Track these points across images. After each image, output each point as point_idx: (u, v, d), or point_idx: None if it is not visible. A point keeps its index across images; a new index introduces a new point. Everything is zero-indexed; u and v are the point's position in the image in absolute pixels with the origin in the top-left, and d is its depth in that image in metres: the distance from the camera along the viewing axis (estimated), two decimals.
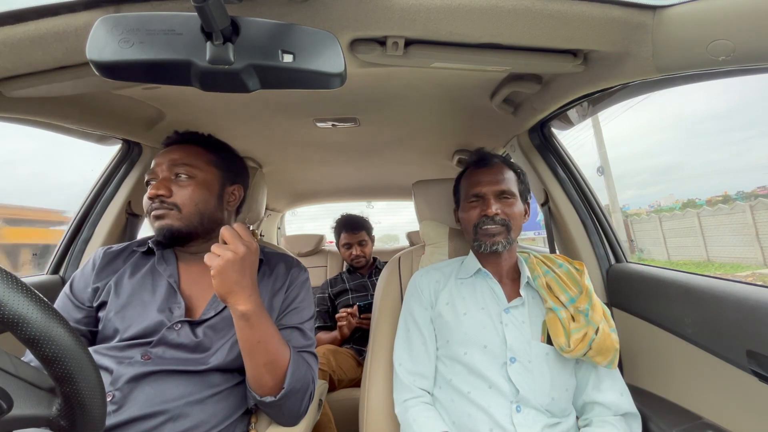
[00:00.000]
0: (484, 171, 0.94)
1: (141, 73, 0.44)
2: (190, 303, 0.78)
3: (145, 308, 0.75)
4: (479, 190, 0.92)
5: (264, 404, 0.73)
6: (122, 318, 0.73)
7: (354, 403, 1.19)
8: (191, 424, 0.68)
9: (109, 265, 0.82)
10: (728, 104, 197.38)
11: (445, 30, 0.64)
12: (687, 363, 0.83)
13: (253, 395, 0.73)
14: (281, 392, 0.71)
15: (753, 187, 15.39)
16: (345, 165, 1.93)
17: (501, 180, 0.92)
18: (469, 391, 0.80)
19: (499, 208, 0.89)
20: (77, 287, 0.79)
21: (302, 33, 0.45)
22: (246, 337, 0.68)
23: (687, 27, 0.59)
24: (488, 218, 0.88)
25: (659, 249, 11.21)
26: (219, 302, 0.78)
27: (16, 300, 0.35)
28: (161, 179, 0.80)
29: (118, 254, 0.84)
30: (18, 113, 0.82)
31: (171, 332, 0.72)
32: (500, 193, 0.91)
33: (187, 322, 0.74)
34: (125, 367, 0.68)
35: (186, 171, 0.81)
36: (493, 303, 0.87)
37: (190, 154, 0.83)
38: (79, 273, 0.81)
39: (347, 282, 1.93)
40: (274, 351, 0.71)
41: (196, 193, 0.80)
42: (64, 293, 0.79)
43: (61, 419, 0.40)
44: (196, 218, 0.80)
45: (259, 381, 0.71)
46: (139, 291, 0.77)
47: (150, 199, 0.78)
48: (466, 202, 0.95)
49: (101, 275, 0.80)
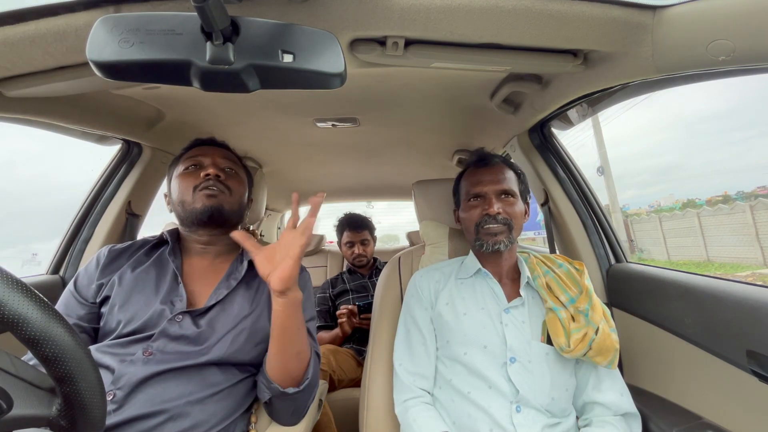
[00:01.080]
0: (485, 170, 0.94)
1: (141, 73, 0.44)
2: (192, 296, 0.79)
3: (148, 299, 0.76)
4: (481, 189, 0.92)
5: (285, 396, 0.74)
6: (125, 310, 0.74)
7: (354, 403, 1.19)
8: (191, 424, 0.68)
9: (114, 262, 0.83)
10: (728, 104, 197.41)
11: (444, 30, 0.64)
12: (687, 363, 0.83)
13: (273, 387, 0.74)
14: (305, 382, 0.75)
15: (753, 187, 15.40)
16: (345, 165, 1.94)
17: (502, 179, 0.92)
18: (469, 391, 0.80)
19: (500, 207, 0.88)
20: (81, 284, 0.80)
21: (302, 33, 0.45)
22: (290, 324, 0.71)
23: (687, 27, 0.59)
24: (490, 217, 0.88)
25: (659, 249, 11.22)
26: (221, 293, 0.79)
27: (16, 300, 0.35)
28: (212, 164, 0.86)
29: (122, 252, 0.86)
30: (18, 113, 0.82)
31: (173, 324, 0.73)
32: (502, 193, 0.91)
33: (188, 313, 0.75)
34: (127, 366, 0.68)
35: (231, 166, 0.89)
36: (493, 303, 0.88)
37: (229, 155, 0.91)
38: (83, 270, 0.83)
39: (347, 282, 1.93)
40: (304, 340, 0.75)
41: (240, 186, 0.89)
42: (68, 290, 0.80)
43: (61, 419, 0.40)
44: (238, 207, 0.88)
45: (287, 370, 0.74)
46: (142, 283, 0.78)
47: (206, 177, 0.83)
48: (467, 202, 0.95)
49: (105, 272, 0.81)
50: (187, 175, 0.85)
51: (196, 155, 0.87)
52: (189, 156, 0.88)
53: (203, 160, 0.87)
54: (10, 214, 73.81)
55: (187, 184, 0.83)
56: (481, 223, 0.90)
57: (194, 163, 0.86)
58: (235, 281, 0.82)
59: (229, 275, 0.84)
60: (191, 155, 0.88)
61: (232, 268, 0.85)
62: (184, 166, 0.86)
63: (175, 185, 0.86)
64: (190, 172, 0.85)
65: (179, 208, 0.84)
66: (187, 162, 0.86)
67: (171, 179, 0.89)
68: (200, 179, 0.83)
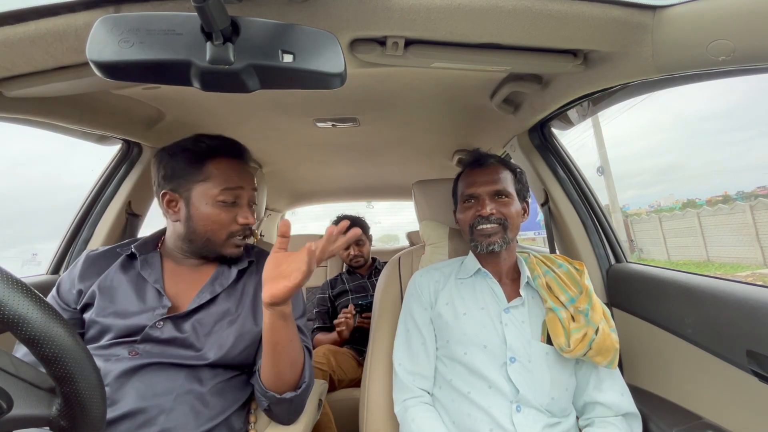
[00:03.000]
0: (480, 171, 0.94)
1: (141, 73, 0.44)
2: (175, 301, 0.78)
3: (129, 311, 0.74)
4: (474, 190, 0.92)
5: (282, 401, 0.74)
6: (105, 319, 0.73)
7: (354, 403, 1.19)
8: (185, 419, 0.68)
9: (93, 267, 0.80)
10: (729, 104, 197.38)
11: (444, 30, 0.64)
12: (687, 363, 0.83)
13: (270, 395, 0.73)
14: (303, 386, 0.75)
15: (753, 187, 15.40)
16: (345, 165, 1.94)
17: (496, 180, 0.92)
18: (469, 391, 0.80)
19: (494, 207, 0.88)
20: (63, 289, 0.78)
21: (302, 33, 0.45)
22: (281, 337, 0.70)
23: (687, 27, 0.59)
24: (483, 218, 0.88)
25: (659, 249, 11.21)
26: (203, 297, 0.78)
27: (16, 300, 0.35)
28: (248, 203, 0.84)
29: (101, 256, 0.82)
30: (18, 113, 0.82)
31: (154, 330, 0.72)
32: (495, 193, 0.91)
33: (169, 318, 0.74)
34: (113, 364, 0.68)
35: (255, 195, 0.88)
36: (492, 303, 0.87)
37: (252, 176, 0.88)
38: (66, 275, 0.80)
39: (347, 283, 1.93)
40: (297, 348, 0.74)
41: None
42: (51, 295, 0.79)
43: (61, 419, 0.40)
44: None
45: (282, 378, 0.73)
46: (123, 294, 0.76)
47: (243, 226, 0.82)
48: (462, 203, 0.96)
49: (85, 278, 0.78)
50: (224, 210, 0.79)
51: (237, 186, 0.80)
52: (227, 180, 0.79)
53: (242, 195, 0.81)
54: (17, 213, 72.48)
55: (221, 224, 0.79)
56: (475, 224, 0.90)
57: (234, 199, 0.80)
58: (221, 287, 0.80)
59: (214, 280, 0.81)
60: (230, 183, 0.79)
61: (218, 272, 0.83)
62: (222, 195, 0.78)
63: (203, 210, 0.78)
64: (228, 207, 0.79)
65: (197, 238, 0.79)
66: (226, 193, 0.78)
67: (191, 187, 0.78)
68: (237, 227, 0.80)
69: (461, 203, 0.97)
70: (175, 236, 0.83)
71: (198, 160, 0.79)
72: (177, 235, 0.82)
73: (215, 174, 0.79)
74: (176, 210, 0.80)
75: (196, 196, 0.78)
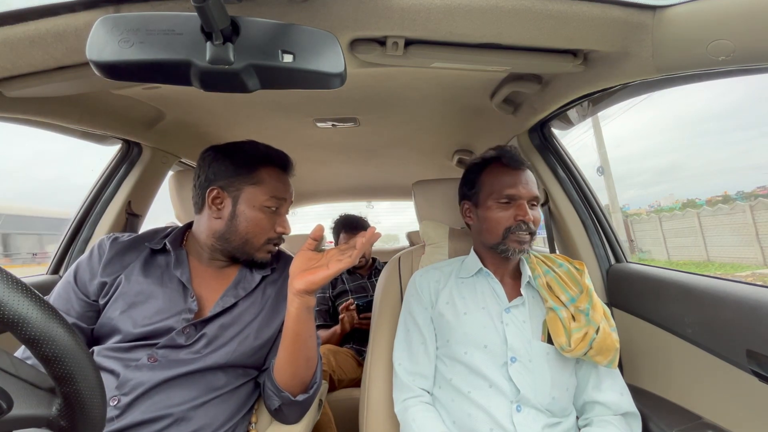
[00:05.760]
0: (520, 173, 0.89)
1: (141, 73, 0.44)
2: (200, 303, 0.77)
3: (159, 307, 0.73)
4: (516, 191, 0.86)
5: (295, 404, 0.74)
6: (129, 317, 0.71)
7: (354, 403, 1.19)
8: (195, 428, 0.67)
9: (119, 259, 0.77)
10: (729, 104, 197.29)
11: (445, 30, 0.64)
12: (687, 363, 0.83)
13: (284, 395, 0.73)
14: (313, 386, 0.76)
15: (753, 187, 15.38)
16: (345, 165, 1.93)
17: (533, 186, 0.89)
18: (469, 390, 0.80)
19: (532, 215, 0.86)
20: (82, 278, 0.75)
21: (302, 33, 0.45)
22: (303, 330, 0.71)
23: (687, 27, 0.59)
24: (524, 224, 0.85)
25: (659, 249, 11.21)
26: (227, 300, 0.78)
27: (16, 300, 0.35)
28: (286, 210, 0.87)
29: (128, 247, 0.79)
30: (18, 113, 0.82)
31: (180, 335, 0.71)
32: (533, 199, 0.88)
33: (193, 324, 0.73)
34: (132, 371, 0.67)
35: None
36: (493, 302, 0.87)
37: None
38: (84, 262, 0.76)
39: (347, 283, 1.93)
40: (314, 346, 0.76)
41: None
42: (67, 282, 0.75)
43: (61, 419, 0.40)
44: None
45: (297, 376, 0.74)
46: (150, 291, 0.74)
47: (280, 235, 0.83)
48: (498, 202, 0.88)
49: (109, 269, 0.75)
50: (267, 216, 0.80)
51: (282, 196, 0.82)
52: (275, 188, 0.81)
53: (284, 205, 0.84)
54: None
55: (262, 228, 0.80)
56: (514, 228, 0.85)
57: (277, 206, 0.82)
58: (244, 291, 0.80)
59: (237, 283, 0.81)
60: (278, 192, 0.81)
61: (240, 276, 0.83)
62: (269, 202, 0.80)
63: (248, 213, 0.78)
64: (271, 214, 0.81)
65: (236, 238, 0.79)
66: (272, 200, 0.80)
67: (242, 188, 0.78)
68: (274, 234, 0.82)
69: (495, 201, 0.88)
70: (209, 233, 0.80)
71: (252, 163, 0.80)
72: (212, 232, 0.80)
73: (266, 180, 0.81)
74: (221, 207, 0.79)
75: (245, 197, 0.79)
